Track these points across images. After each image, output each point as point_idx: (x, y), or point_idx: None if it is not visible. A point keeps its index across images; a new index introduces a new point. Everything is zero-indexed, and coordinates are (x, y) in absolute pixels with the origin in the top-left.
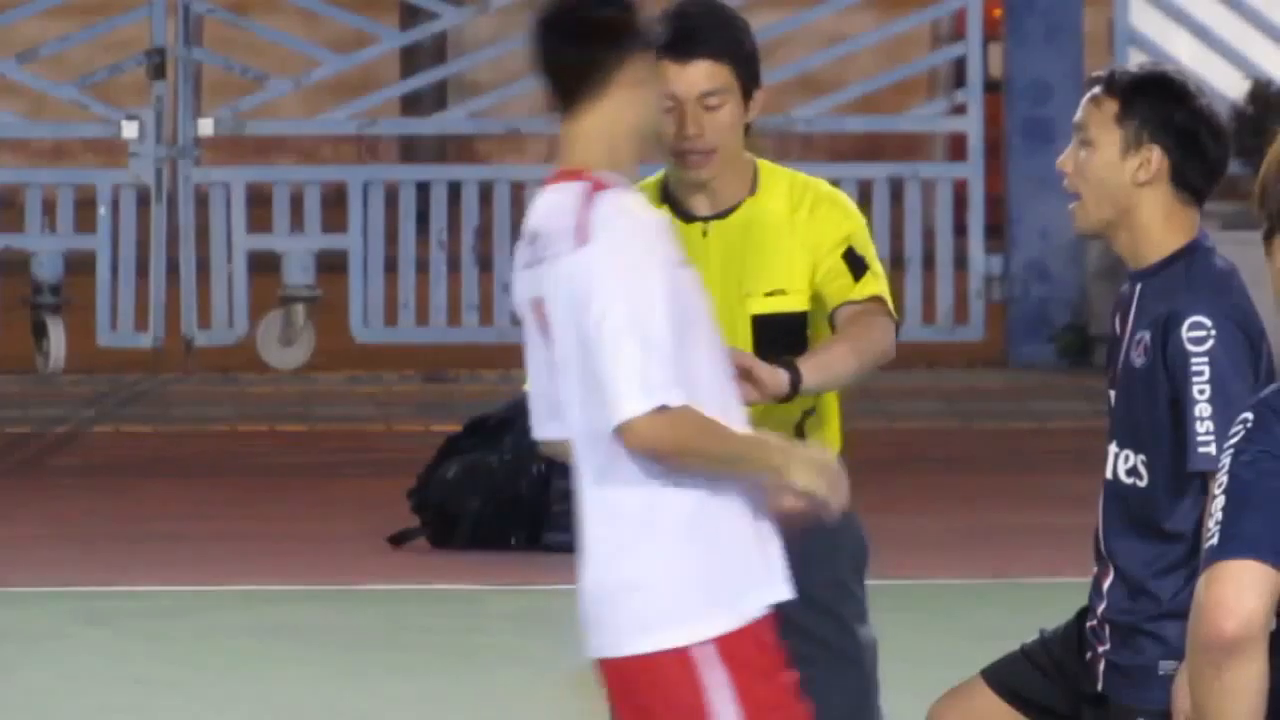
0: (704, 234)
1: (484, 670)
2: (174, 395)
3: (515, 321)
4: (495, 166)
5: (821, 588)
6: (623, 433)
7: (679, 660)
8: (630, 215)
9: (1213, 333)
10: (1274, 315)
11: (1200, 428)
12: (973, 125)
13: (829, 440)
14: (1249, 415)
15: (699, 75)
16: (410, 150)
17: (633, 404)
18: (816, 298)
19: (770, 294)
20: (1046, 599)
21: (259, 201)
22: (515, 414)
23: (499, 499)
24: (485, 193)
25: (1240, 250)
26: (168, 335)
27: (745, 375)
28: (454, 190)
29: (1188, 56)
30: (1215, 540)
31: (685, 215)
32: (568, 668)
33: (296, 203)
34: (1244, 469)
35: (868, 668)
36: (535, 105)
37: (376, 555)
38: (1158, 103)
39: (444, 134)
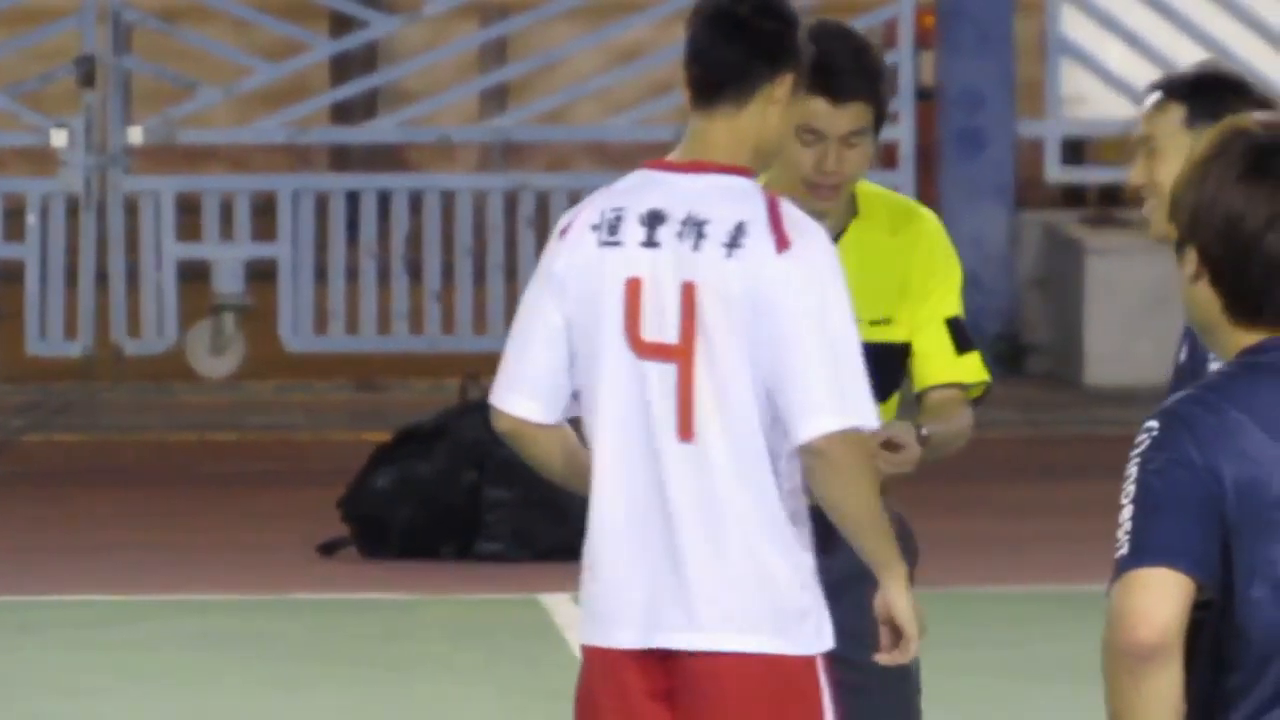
0: None
1: (415, 680)
2: (104, 404)
3: (445, 330)
4: (426, 175)
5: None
6: (814, 442)
7: (809, 666)
8: (818, 230)
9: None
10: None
11: None
12: (904, 133)
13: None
14: (1155, 424)
15: (848, 117)
16: (340, 159)
17: (831, 419)
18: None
19: (876, 322)
20: (978, 608)
21: (189, 210)
22: (447, 423)
23: (430, 508)
24: (415, 201)
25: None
26: (97, 344)
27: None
28: (384, 199)
29: (1120, 64)
30: (1126, 549)
31: None
32: (499, 677)
33: (226, 211)
34: (1153, 477)
35: (915, 676)
36: (466, 114)
37: (307, 564)
38: (1221, 99)
39: (374, 143)
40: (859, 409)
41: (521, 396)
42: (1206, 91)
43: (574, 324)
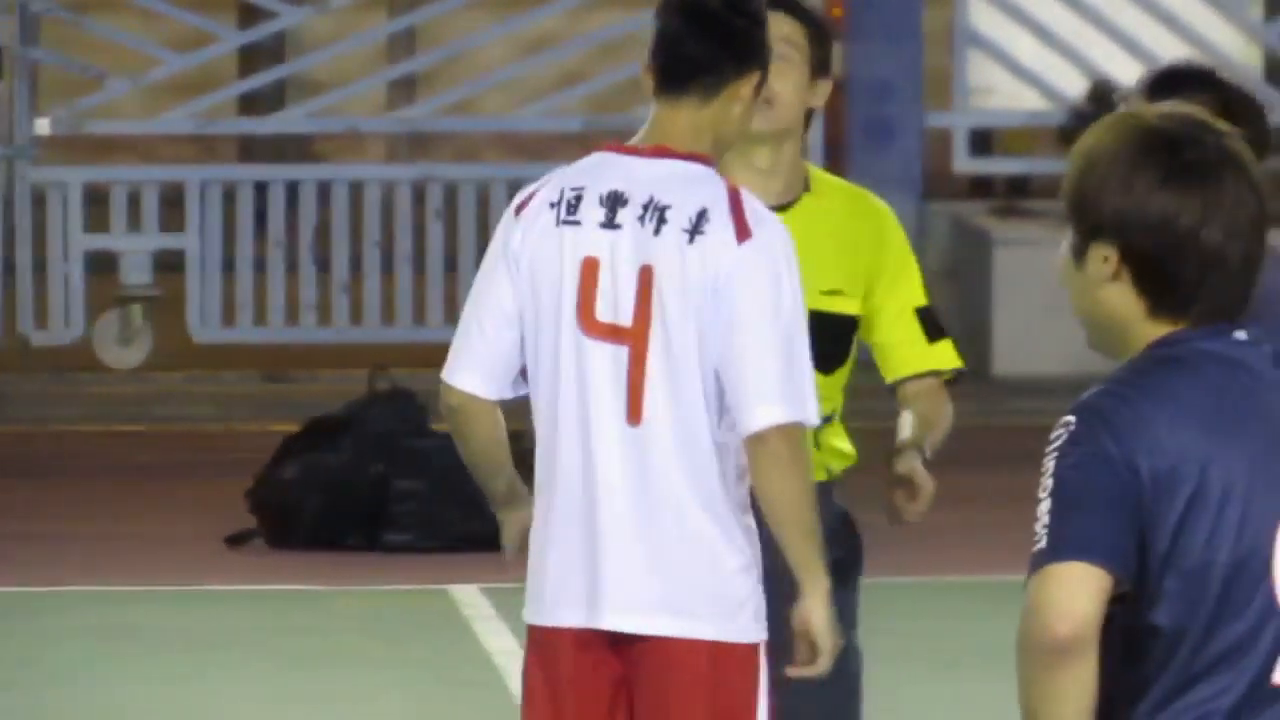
0: None
1: (324, 671)
2: (11, 395)
3: (353, 321)
4: (334, 166)
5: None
6: (761, 433)
7: (751, 652)
8: (776, 222)
9: None
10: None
11: None
12: (813, 124)
13: (843, 447)
14: (1071, 418)
15: (773, 26)
16: (248, 150)
17: (779, 410)
18: (879, 348)
19: (827, 293)
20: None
21: (96, 201)
22: (355, 414)
23: (337, 499)
24: (323, 192)
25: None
26: (4, 335)
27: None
28: (292, 190)
29: (1029, 56)
30: (1044, 544)
31: None
32: (408, 668)
33: (134, 202)
34: (1069, 471)
35: (854, 675)
36: (374, 105)
37: (215, 556)
38: (1175, 92)
39: (282, 133)
40: (805, 404)
41: (470, 373)
42: (1163, 86)
43: (526, 301)
